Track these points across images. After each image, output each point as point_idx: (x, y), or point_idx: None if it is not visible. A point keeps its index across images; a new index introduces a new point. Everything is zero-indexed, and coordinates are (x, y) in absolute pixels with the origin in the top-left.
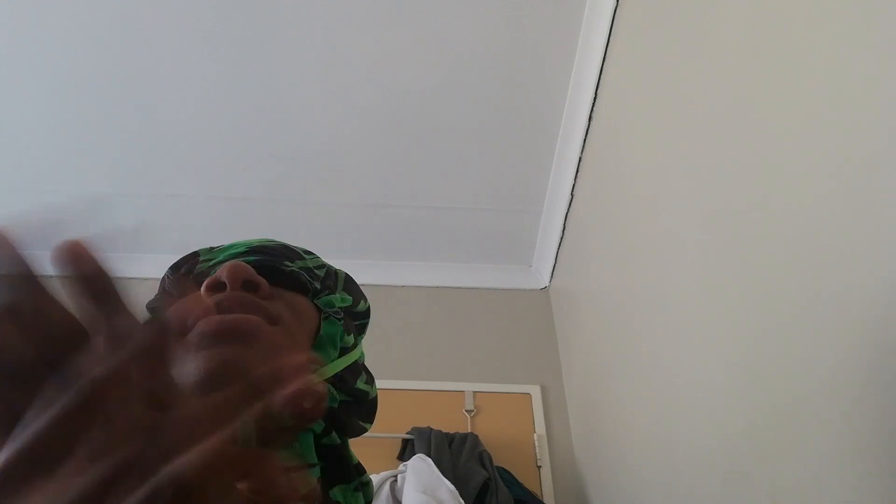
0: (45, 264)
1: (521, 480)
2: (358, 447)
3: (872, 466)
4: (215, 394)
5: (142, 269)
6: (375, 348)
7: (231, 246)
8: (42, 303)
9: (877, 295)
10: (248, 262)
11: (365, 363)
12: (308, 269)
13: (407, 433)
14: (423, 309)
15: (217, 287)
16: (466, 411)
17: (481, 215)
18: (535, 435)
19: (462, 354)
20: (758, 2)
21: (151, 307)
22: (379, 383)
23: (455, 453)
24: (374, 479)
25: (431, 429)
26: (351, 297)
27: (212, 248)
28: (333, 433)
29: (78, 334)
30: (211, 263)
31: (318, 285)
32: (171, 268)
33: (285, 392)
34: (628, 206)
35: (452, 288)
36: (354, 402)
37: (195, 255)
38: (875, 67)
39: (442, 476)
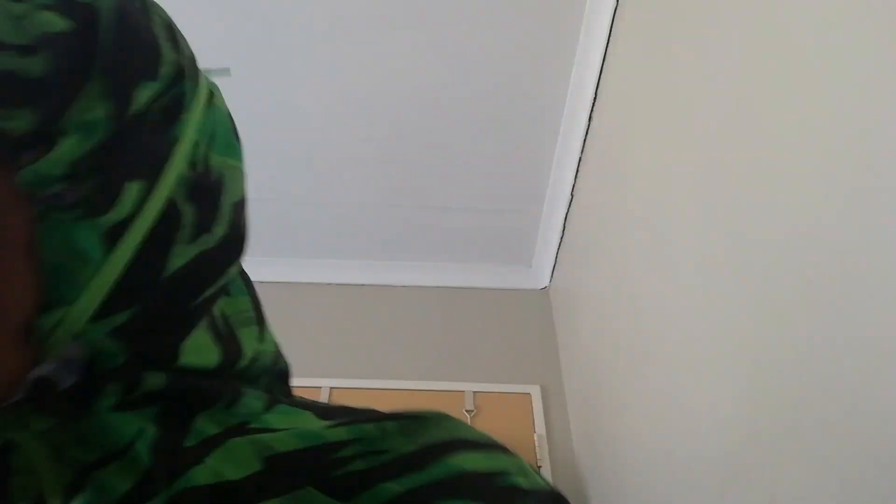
0: None
1: None
2: None
3: (872, 467)
4: None
5: None
6: (375, 349)
7: None
8: None
9: (877, 294)
10: None
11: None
12: (8, 74)
13: None
14: (423, 309)
15: None
16: (466, 411)
17: (481, 215)
18: (535, 435)
19: (462, 354)
20: (758, 2)
21: None
22: (379, 383)
23: None
24: None
25: None
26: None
27: None
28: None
29: None
30: None
31: (13, 124)
32: None
33: None
34: (628, 207)
35: (452, 288)
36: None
37: None
38: (875, 68)
39: None
